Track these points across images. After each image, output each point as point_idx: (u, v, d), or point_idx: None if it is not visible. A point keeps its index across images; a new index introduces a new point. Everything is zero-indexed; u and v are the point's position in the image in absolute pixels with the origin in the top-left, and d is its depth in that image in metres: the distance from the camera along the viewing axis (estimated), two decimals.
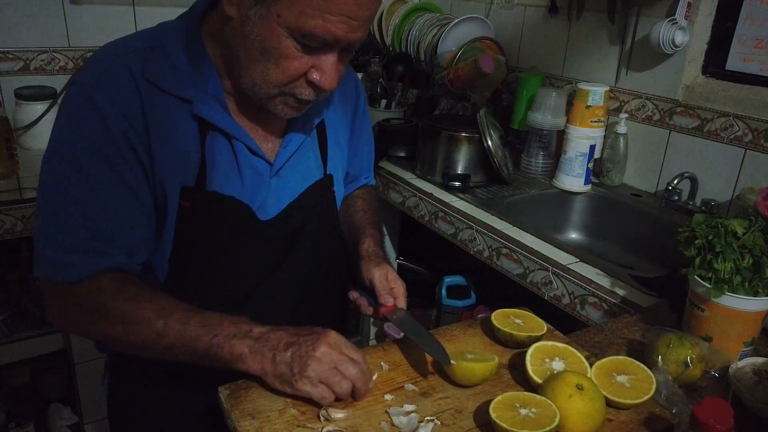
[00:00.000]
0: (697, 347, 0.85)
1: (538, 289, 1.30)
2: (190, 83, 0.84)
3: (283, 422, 0.72)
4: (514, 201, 1.62)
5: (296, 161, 0.96)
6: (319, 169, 1.01)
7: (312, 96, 0.84)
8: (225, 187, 0.88)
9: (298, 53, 0.78)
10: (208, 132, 0.86)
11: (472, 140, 1.67)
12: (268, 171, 0.92)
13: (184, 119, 0.84)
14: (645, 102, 1.67)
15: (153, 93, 0.82)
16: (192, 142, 0.85)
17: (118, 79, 0.81)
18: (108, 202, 0.82)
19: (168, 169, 0.85)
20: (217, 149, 0.87)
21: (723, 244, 0.89)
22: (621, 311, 1.12)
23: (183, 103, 0.84)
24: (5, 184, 1.53)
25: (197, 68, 0.85)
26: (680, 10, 1.49)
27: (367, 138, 1.19)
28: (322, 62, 0.80)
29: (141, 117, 0.82)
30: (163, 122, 0.83)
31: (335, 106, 1.04)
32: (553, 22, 1.90)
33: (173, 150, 0.84)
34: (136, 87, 0.81)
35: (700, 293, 0.90)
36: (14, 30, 1.81)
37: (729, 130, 1.48)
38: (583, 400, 0.71)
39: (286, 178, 0.95)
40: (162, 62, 0.83)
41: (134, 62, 0.82)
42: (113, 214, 0.83)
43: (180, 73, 0.84)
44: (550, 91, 1.76)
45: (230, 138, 0.87)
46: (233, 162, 0.89)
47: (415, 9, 2.24)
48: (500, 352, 0.90)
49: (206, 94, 0.85)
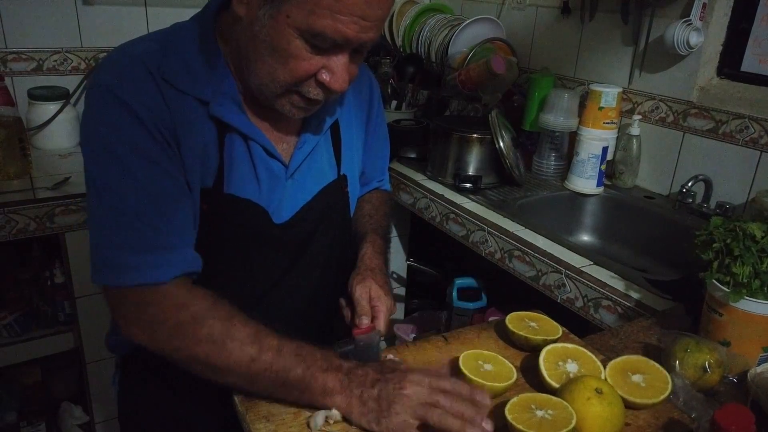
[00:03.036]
0: (715, 352, 0.84)
1: (551, 292, 1.29)
2: (206, 84, 0.83)
3: (298, 425, 0.72)
4: (526, 203, 1.61)
5: (310, 162, 0.95)
6: (332, 170, 1.00)
7: (321, 96, 0.82)
8: (242, 190, 0.87)
9: (308, 54, 0.77)
10: (225, 133, 0.85)
11: (483, 141, 1.66)
12: (283, 173, 0.91)
13: (203, 120, 0.84)
14: (659, 103, 1.66)
15: (173, 94, 0.81)
16: (211, 143, 0.85)
17: (138, 77, 0.80)
18: (158, 196, 0.79)
19: (191, 169, 0.84)
20: (235, 151, 0.86)
21: (741, 247, 0.88)
22: (635, 315, 1.11)
23: (200, 104, 0.83)
24: (18, 184, 1.54)
25: (212, 69, 0.84)
26: (695, 11, 1.48)
27: (381, 140, 1.17)
28: (333, 63, 0.78)
29: (167, 113, 0.80)
30: (184, 121, 0.82)
31: (349, 106, 1.03)
32: (566, 22, 1.89)
33: (195, 151, 0.83)
34: (156, 85, 0.80)
35: (718, 297, 0.89)
36: (27, 30, 1.82)
37: (744, 132, 1.46)
38: (602, 404, 0.70)
39: (301, 180, 0.94)
40: (177, 63, 0.82)
41: (151, 62, 0.81)
42: (167, 208, 0.80)
43: (195, 74, 0.83)
44: (562, 92, 1.75)
45: (247, 139, 0.87)
46: (250, 164, 0.88)
47: (426, 10, 2.23)
48: (514, 354, 0.89)
49: (222, 95, 0.84)
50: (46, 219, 1.47)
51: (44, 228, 1.48)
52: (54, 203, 1.47)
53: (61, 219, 1.49)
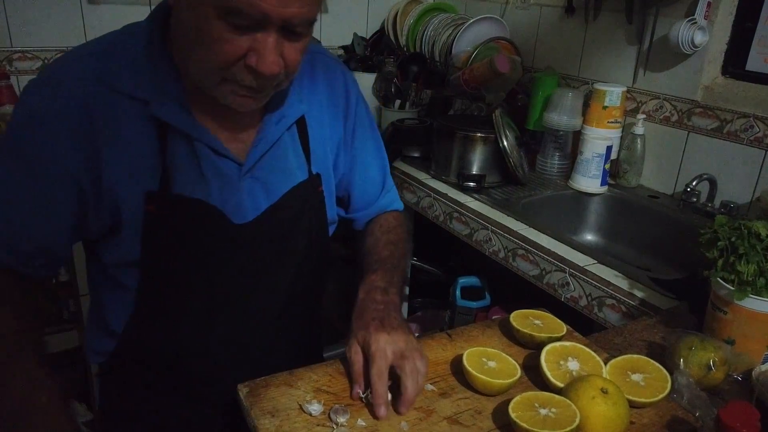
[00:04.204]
0: (720, 350, 0.84)
1: (555, 291, 1.29)
2: (148, 83, 0.81)
3: (303, 420, 0.72)
4: (529, 202, 1.61)
5: (273, 160, 0.90)
6: (301, 169, 0.95)
7: (254, 83, 0.76)
8: (190, 191, 0.84)
9: (231, 35, 0.72)
10: (168, 134, 0.83)
11: (487, 141, 1.66)
12: (236, 172, 0.87)
13: (141, 121, 0.81)
14: (663, 103, 1.65)
15: (105, 96, 0.80)
16: (149, 145, 0.82)
17: (62, 88, 0.79)
18: (7, 204, 0.81)
19: (122, 175, 0.81)
20: (178, 151, 0.83)
21: (746, 246, 0.88)
22: (639, 313, 1.11)
23: (139, 105, 0.81)
24: None
25: (156, 68, 0.81)
26: (700, 10, 1.48)
27: (368, 144, 1.07)
28: (258, 44, 0.73)
29: (86, 126, 0.79)
30: (115, 127, 0.80)
31: (320, 102, 0.98)
32: (570, 22, 1.89)
33: (128, 154, 0.81)
34: (82, 92, 0.79)
35: (722, 295, 0.89)
36: (32, 29, 1.83)
37: (749, 132, 1.46)
38: (606, 403, 0.70)
39: (262, 179, 0.90)
40: (120, 63, 0.81)
41: (86, 65, 0.80)
42: (9, 217, 0.82)
43: (137, 74, 0.81)
44: (566, 91, 1.75)
45: (191, 139, 0.83)
46: (195, 163, 0.84)
47: (429, 9, 2.23)
48: (518, 352, 0.89)
49: (165, 94, 0.81)
50: None
51: None
52: None
53: None
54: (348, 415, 0.73)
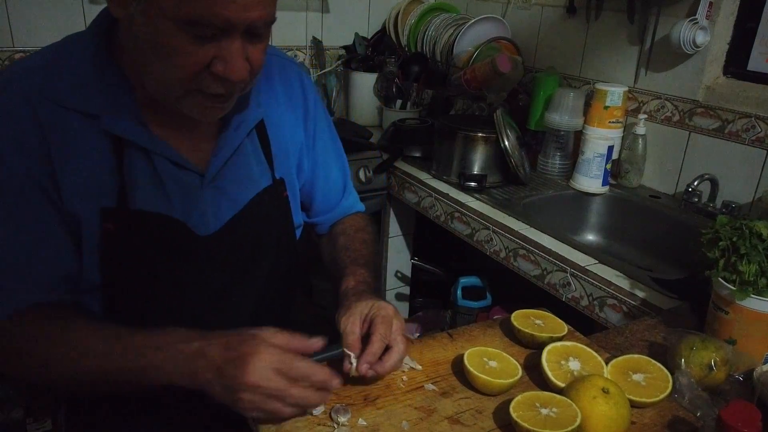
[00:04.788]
0: (721, 350, 0.84)
1: (556, 291, 1.29)
2: (96, 97, 0.78)
3: (304, 420, 0.72)
4: (531, 202, 1.61)
5: (234, 168, 0.88)
6: (264, 175, 0.92)
7: (222, 90, 0.75)
8: (150, 205, 0.82)
9: (193, 46, 0.69)
10: (124, 148, 0.80)
11: (488, 140, 1.66)
12: (198, 182, 0.85)
13: (94, 137, 0.78)
14: (664, 103, 1.65)
15: (55, 113, 0.77)
16: (105, 161, 0.79)
17: (9, 106, 0.76)
18: (13, 241, 0.78)
19: (79, 194, 0.79)
20: (136, 165, 0.81)
21: (748, 246, 0.88)
22: (641, 313, 1.11)
23: (90, 120, 0.78)
24: None
25: (103, 81, 0.78)
26: (701, 10, 1.47)
27: (332, 152, 1.06)
28: (224, 50, 0.71)
29: (40, 145, 0.76)
30: (67, 143, 0.77)
31: (278, 104, 0.95)
32: (571, 22, 1.88)
33: (83, 171, 0.78)
34: (31, 110, 0.76)
35: (724, 295, 0.89)
36: (34, 29, 1.83)
37: (750, 132, 1.46)
38: (608, 403, 0.70)
39: (224, 189, 0.87)
40: (64, 78, 0.78)
41: (31, 82, 0.77)
42: (20, 253, 0.78)
43: (85, 88, 0.78)
44: (567, 91, 1.75)
45: (148, 152, 0.81)
46: (155, 177, 0.82)
47: (431, 9, 2.23)
48: (519, 352, 0.89)
49: (116, 108, 0.79)
50: None
51: None
52: None
53: None
54: (349, 414, 0.73)
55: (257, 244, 0.91)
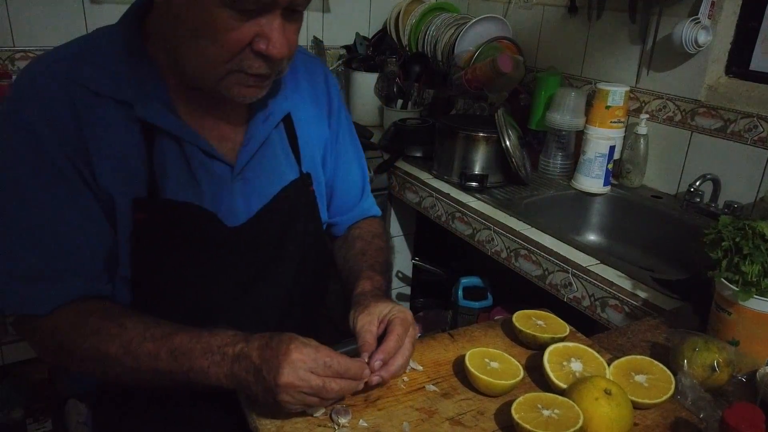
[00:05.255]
0: (724, 351, 0.83)
1: (557, 291, 1.29)
2: (128, 85, 0.78)
3: (305, 421, 0.72)
4: (532, 202, 1.60)
5: (262, 161, 0.88)
6: (291, 169, 0.92)
7: (264, 69, 0.75)
8: (181, 195, 0.82)
9: (236, 22, 0.70)
10: (155, 137, 0.80)
11: (489, 140, 1.66)
12: (228, 173, 0.85)
13: (126, 125, 0.79)
14: (666, 102, 1.65)
15: (89, 100, 0.77)
16: (135, 149, 0.79)
17: (45, 90, 0.76)
18: (55, 226, 0.77)
19: (113, 181, 0.79)
20: (167, 154, 0.81)
21: (751, 246, 0.87)
22: (642, 314, 1.10)
23: (122, 107, 0.78)
24: None
25: (135, 69, 0.79)
26: (703, 9, 1.47)
27: (353, 153, 1.05)
28: (265, 28, 0.71)
29: (75, 128, 0.76)
30: (101, 130, 0.77)
31: (304, 100, 0.95)
32: (572, 21, 1.88)
33: (116, 159, 0.78)
34: (67, 96, 0.76)
35: (726, 296, 0.88)
36: (34, 29, 1.83)
37: (753, 132, 1.45)
38: (610, 405, 0.70)
39: (253, 180, 0.87)
40: (97, 66, 0.78)
41: (64, 69, 0.77)
42: (60, 237, 0.78)
43: (117, 76, 0.78)
44: (569, 91, 1.75)
45: (180, 141, 0.81)
46: (186, 167, 0.82)
47: (432, 9, 2.23)
48: (521, 353, 0.89)
49: (147, 96, 0.79)
50: None
51: None
52: None
53: None
54: (350, 415, 0.73)
55: (284, 237, 0.91)
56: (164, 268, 0.84)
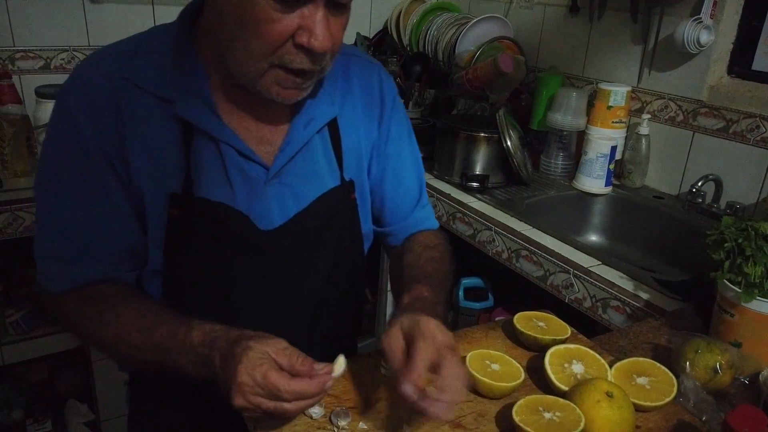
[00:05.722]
0: (727, 353, 0.83)
1: (559, 292, 1.28)
2: (173, 83, 0.79)
3: (304, 423, 0.72)
4: (533, 202, 1.60)
5: (301, 165, 0.87)
6: (332, 175, 0.91)
7: (306, 63, 0.73)
8: (214, 194, 0.82)
9: (277, 13, 0.69)
10: (193, 135, 0.81)
11: (490, 141, 1.65)
12: (263, 176, 0.84)
13: (166, 121, 0.80)
14: (668, 102, 1.64)
15: (132, 94, 0.79)
16: (173, 146, 0.80)
17: (90, 83, 0.79)
18: (81, 212, 0.80)
19: (149, 176, 0.80)
20: (203, 153, 0.81)
21: (753, 247, 0.87)
22: (644, 315, 1.10)
23: (164, 104, 0.79)
24: (25, 182, 1.54)
25: (182, 68, 0.80)
26: (705, 9, 1.46)
27: (408, 159, 1.01)
28: (308, 20, 0.70)
29: (114, 121, 0.78)
30: (141, 125, 0.79)
31: (354, 104, 0.93)
32: (574, 21, 1.87)
33: (152, 154, 0.80)
34: (110, 89, 0.78)
35: (729, 297, 0.88)
36: (35, 29, 1.83)
37: (755, 132, 1.45)
38: (611, 407, 0.69)
39: (290, 185, 0.86)
40: (146, 62, 0.80)
41: (113, 63, 0.79)
42: (87, 225, 0.81)
43: (163, 73, 0.79)
44: (570, 91, 1.74)
45: (217, 141, 0.81)
46: (220, 167, 0.82)
47: (433, 8, 2.22)
48: (522, 354, 0.88)
49: (190, 94, 0.80)
50: None
51: None
52: None
53: None
54: (349, 418, 0.73)
55: (317, 244, 0.90)
56: (194, 265, 0.84)
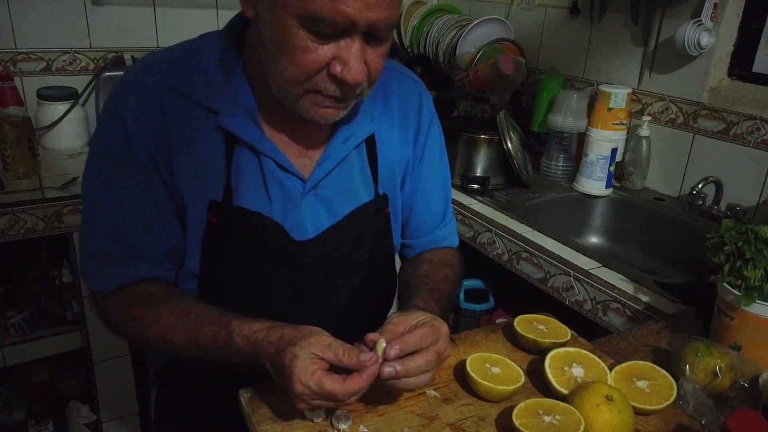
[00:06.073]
0: (726, 356, 0.83)
1: (559, 294, 1.29)
2: (219, 94, 0.81)
3: (305, 426, 0.72)
4: (534, 204, 1.60)
5: (338, 179, 0.89)
6: (367, 189, 0.92)
7: (338, 93, 0.75)
8: (252, 204, 0.84)
9: (314, 44, 0.71)
10: (235, 145, 0.83)
11: (491, 142, 1.65)
12: (300, 188, 0.86)
13: (210, 131, 0.82)
14: (668, 104, 1.64)
15: (179, 103, 0.81)
16: (215, 155, 0.82)
17: (141, 90, 0.81)
18: (129, 214, 0.83)
19: (190, 183, 0.83)
20: (244, 164, 0.83)
21: (753, 250, 0.87)
22: (645, 318, 1.10)
23: (210, 114, 0.81)
24: (27, 184, 1.55)
25: (229, 79, 0.82)
26: (706, 11, 1.47)
27: (438, 177, 1.02)
28: (343, 51, 0.72)
29: (162, 130, 0.80)
30: (186, 133, 0.81)
31: (392, 121, 0.94)
32: (574, 23, 1.88)
33: (196, 162, 0.82)
34: (159, 97, 0.80)
35: (729, 301, 0.88)
36: (37, 31, 1.83)
37: (755, 134, 1.45)
38: (611, 411, 0.70)
39: (325, 198, 0.88)
40: (193, 71, 0.81)
41: (163, 71, 0.81)
42: (134, 227, 0.84)
43: (210, 84, 0.81)
44: (571, 93, 1.74)
45: (258, 153, 0.83)
46: (260, 178, 0.84)
47: (434, 10, 2.23)
48: (522, 357, 0.88)
49: (235, 106, 0.81)
50: (54, 219, 1.48)
51: (52, 228, 1.48)
52: (62, 203, 1.48)
53: (69, 219, 1.49)
54: (350, 421, 0.73)
55: (350, 257, 0.91)
56: (229, 270, 0.87)
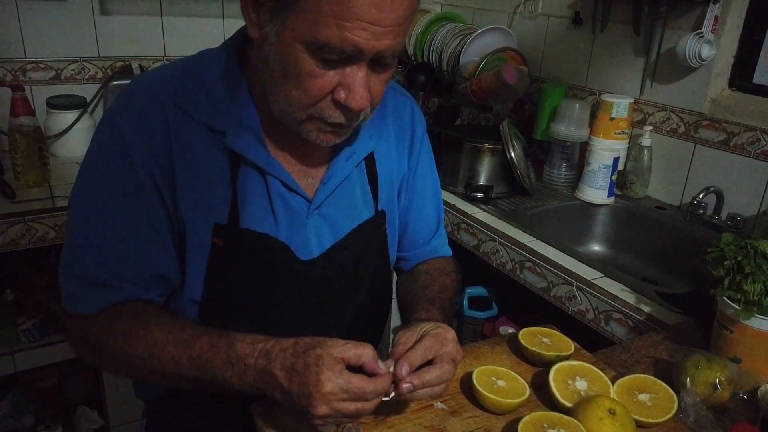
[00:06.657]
0: (726, 369, 0.85)
1: (562, 304, 1.31)
2: (223, 113, 0.80)
3: None
4: (537, 213, 1.62)
5: (340, 198, 0.89)
6: (367, 207, 0.93)
7: (342, 119, 0.75)
8: (258, 225, 0.83)
9: (319, 70, 0.71)
10: (240, 166, 0.81)
11: (494, 151, 1.67)
12: (305, 208, 0.86)
13: (215, 151, 0.80)
14: (670, 115, 1.66)
15: (183, 122, 0.79)
16: (221, 176, 0.81)
17: (144, 107, 0.79)
18: (122, 235, 0.79)
19: (193, 205, 0.80)
20: (249, 184, 0.82)
21: (752, 265, 0.89)
22: (646, 328, 1.12)
23: (214, 134, 0.80)
24: (38, 192, 1.57)
25: (233, 98, 0.80)
26: (707, 23, 1.48)
27: (430, 190, 1.05)
28: (348, 78, 0.72)
29: (165, 149, 0.78)
30: (190, 154, 0.79)
31: (388, 138, 0.96)
32: (577, 33, 1.90)
33: (200, 184, 0.80)
34: (163, 116, 0.78)
35: (728, 314, 0.90)
36: (46, 40, 1.86)
37: (756, 145, 1.47)
38: (614, 424, 0.71)
39: (329, 216, 0.88)
40: (196, 90, 0.80)
41: (166, 89, 0.80)
42: (127, 249, 0.80)
43: (214, 103, 0.80)
44: (573, 102, 1.76)
45: (264, 173, 0.82)
46: (266, 198, 0.83)
47: (437, 19, 2.25)
48: (527, 370, 0.90)
49: (240, 126, 0.80)
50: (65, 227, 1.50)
51: (63, 236, 1.50)
52: None
53: None
54: None
55: (353, 274, 0.92)
56: (234, 293, 0.85)
